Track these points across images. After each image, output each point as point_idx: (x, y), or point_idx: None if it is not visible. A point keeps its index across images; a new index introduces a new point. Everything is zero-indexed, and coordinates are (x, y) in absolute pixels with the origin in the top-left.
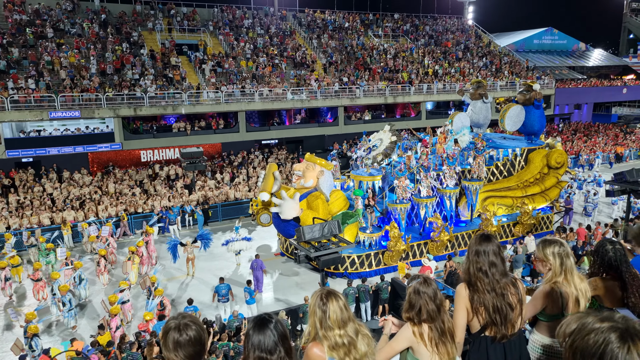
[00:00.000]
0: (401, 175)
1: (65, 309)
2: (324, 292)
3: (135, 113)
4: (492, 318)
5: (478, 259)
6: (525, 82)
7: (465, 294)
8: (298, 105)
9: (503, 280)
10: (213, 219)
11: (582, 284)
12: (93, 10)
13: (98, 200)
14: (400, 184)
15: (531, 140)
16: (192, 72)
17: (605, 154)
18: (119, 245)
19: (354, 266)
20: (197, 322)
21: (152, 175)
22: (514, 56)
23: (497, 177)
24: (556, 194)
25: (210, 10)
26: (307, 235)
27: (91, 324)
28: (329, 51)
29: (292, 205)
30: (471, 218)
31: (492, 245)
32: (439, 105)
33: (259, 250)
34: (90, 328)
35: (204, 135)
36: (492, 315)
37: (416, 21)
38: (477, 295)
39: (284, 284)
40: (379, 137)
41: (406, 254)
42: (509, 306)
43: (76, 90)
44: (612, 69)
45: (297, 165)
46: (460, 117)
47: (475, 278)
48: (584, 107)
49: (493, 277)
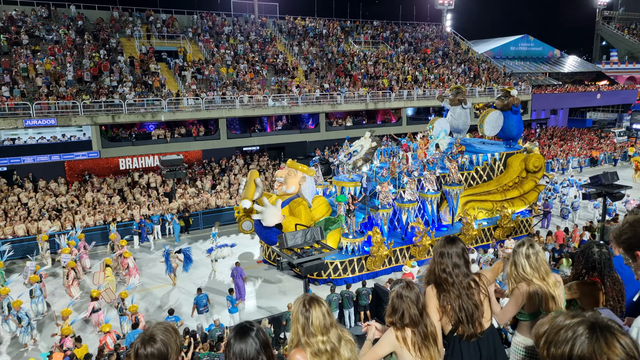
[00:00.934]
0: (384, 181)
1: (24, 323)
2: (306, 299)
3: (113, 120)
4: (459, 317)
5: (442, 260)
6: (503, 88)
7: (433, 293)
8: (279, 111)
9: (466, 280)
10: (194, 227)
11: (557, 289)
12: (69, 17)
13: (75, 210)
14: (382, 190)
15: (509, 144)
16: (172, 79)
17: (577, 158)
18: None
19: (337, 272)
20: (166, 335)
21: (131, 183)
22: (492, 63)
23: (477, 182)
24: (535, 198)
25: (190, 17)
26: (290, 241)
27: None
28: (309, 58)
29: (274, 211)
30: (452, 222)
31: (456, 247)
32: (420, 111)
33: (241, 257)
34: (47, 346)
35: (184, 142)
36: (459, 314)
37: (396, 28)
38: (443, 295)
39: (266, 291)
40: (360, 144)
41: (389, 259)
42: (474, 305)
43: (52, 98)
44: (586, 75)
45: (279, 171)
46: (440, 122)
47: (440, 279)
48: (560, 112)
49: (457, 278)
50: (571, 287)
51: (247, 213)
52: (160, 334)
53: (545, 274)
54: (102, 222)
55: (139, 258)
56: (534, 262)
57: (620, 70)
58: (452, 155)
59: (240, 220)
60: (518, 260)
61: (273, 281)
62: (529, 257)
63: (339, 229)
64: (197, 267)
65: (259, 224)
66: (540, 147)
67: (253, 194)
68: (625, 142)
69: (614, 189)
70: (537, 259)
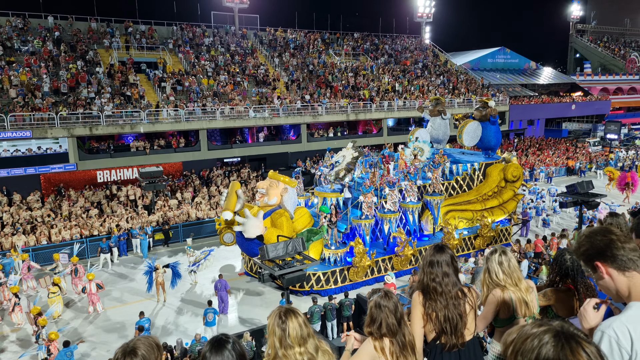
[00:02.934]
0: (367, 192)
1: None
2: (282, 310)
3: (91, 132)
4: (443, 327)
5: (432, 270)
6: (481, 99)
7: (419, 300)
8: (260, 122)
9: (454, 290)
10: (174, 240)
11: (530, 295)
12: (46, 28)
13: (51, 224)
14: (366, 200)
15: (488, 154)
16: (151, 90)
17: (547, 169)
18: None
19: (319, 284)
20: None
21: (109, 196)
22: (470, 74)
23: (457, 191)
24: (513, 207)
25: (170, 28)
26: (271, 253)
27: None
28: (290, 69)
29: (255, 223)
30: (434, 232)
31: (445, 256)
32: (400, 122)
33: (223, 270)
34: None
35: (164, 154)
36: (443, 325)
37: (376, 40)
38: (429, 303)
39: (248, 304)
40: (342, 154)
41: (371, 270)
42: (459, 316)
43: (27, 110)
44: (561, 87)
45: (260, 182)
46: (420, 133)
47: (428, 288)
48: (537, 123)
49: (445, 287)
50: (546, 294)
51: (229, 225)
52: (142, 347)
53: (518, 280)
54: (79, 235)
55: (113, 273)
56: (506, 269)
57: (594, 81)
58: (434, 165)
59: (221, 232)
60: (491, 267)
61: (254, 294)
62: (501, 263)
63: (321, 240)
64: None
65: (240, 236)
66: (518, 156)
67: (234, 205)
68: (600, 151)
69: (589, 197)
70: (509, 265)
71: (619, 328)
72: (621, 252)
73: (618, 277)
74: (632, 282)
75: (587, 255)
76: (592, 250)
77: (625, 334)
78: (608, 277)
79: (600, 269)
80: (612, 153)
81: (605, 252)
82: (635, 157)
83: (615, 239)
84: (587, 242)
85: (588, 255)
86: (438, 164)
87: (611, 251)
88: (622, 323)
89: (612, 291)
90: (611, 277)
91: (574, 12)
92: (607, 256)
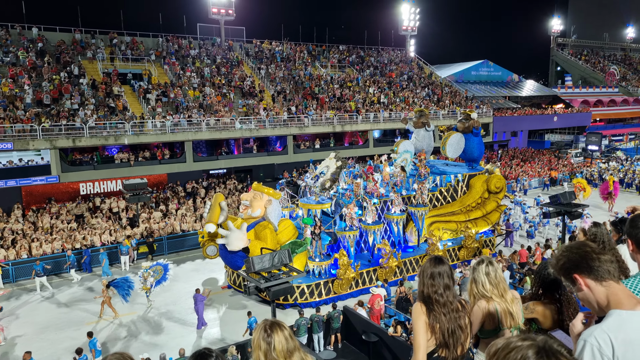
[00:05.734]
0: (348, 203)
1: None
2: (267, 324)
3: (74, 144)
4: (446, 340)
5: (433, 282)
6: (464, 111)
7: (423, 310)
8: (247, 134)
9: (455, 302)
10: (158, 253)
11: (515, 306)
12: (29, 39)
13: (32, 237)
14: (348, 212)
15: (472, 166)
16: (136, 101)
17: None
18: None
19: (303, 296)
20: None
21: (92, 208)
22: (454, 86)
23: (441, 203)
24: (497, 218)
25: (155, 40)
26: (257, 265)
27: None
28: (276, 81)
29: (239, 235)
30: (418, 243)
31: (445, 267)
32: (386, 134)
33: (206, 283)
34: None
35: (149, 165)
36: (447, 338)
37: (361, 53)
38: (432, 314)
39: (232, 317)
40: (325, 165)
41: (356, 282)
42: (460, 328)
43: (8, 121)
44: (543, 99)
45: (244, 194)
46: (404, 144)
47: (430, 300)
48: (520, 134)
49: (447, 300)
50: (528, 307)
51: (212, 237)
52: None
53: (504, 290)
54: (61, 249)
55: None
56: (493, 279)
57: (575, 94)
58: (420, 177)
59: (204, 245)
60: (478, 277)
61: (238, 307)
62: (488, 274)
63: (305, 252)
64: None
65: (223, 249)
66: (502, 167)
67: (218, 217)
68: (582, 162)
69: (572, 207)
70: (496, 275)
71: (600, 336)
72: (597, 263)
73: (596, 288)
74: (610, 291)
75: (565, 269)
76: (569, 263)
77: (606, 341)
78: (587, 288)
79: (578, 281)
80: (592, 164)
81: (581, 264)
82: (615, 169)
83: (590, 250)
84: (564, 257)
85: (566, 269)
86: (425, 177)
87: (587, 263)
88: (603, 331)
89: (593, 303)
90: (589, 288)
91: (554, 26)
92: (583, 268)
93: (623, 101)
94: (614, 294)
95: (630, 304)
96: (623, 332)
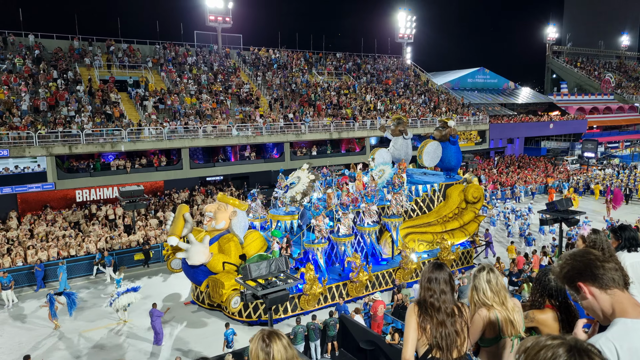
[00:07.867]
0: (318, 214)
1: None
2: (265, 333)
3: (70, 151)
4: (439, 343)
5: (430, 286)
6: (441, 119)
7: (415, 310)
8: (243, 141)
9: (450, 307)
10: (154, 260)
11: (516, 314)
12: (26, 46)
13: (27, 245)
14: (318, 223)
15: (449, 175)
16: (133, 108)
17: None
18: None
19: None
20: None
21: (89, 215)
22: (450, 94)
23: (417, 213)
24: (475, 228)
25: (152, 47)
26: (254, 272)
27: None
28: (273, 88)
29: (199, 249)
30: (392, 255)
31: (443, 273)
32: (382, 140)
33: (168, 299)
34: None
35: (145, 172)
36: (440, 342)
37: (358, 60)
38: (424, 316)
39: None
40: (296, 175)
41: (324, 297)
42: (455, 333)
43: (4, 128)
44: (539, 106)
45: (208, 206)
46: (381, 153)
47: (425, 303)
48: (516, 141)
49: (443, 304)
50: (527, 315)
51: (175, 250)
52: None
53: (505, 298)
54: (57, 256)
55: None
56: (494, 286)
57: (570, 101)
58: (394, 187)
59: (168, 258)
60: (479, 284)
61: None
62: (489, 281)
63: None
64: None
65: (185, 263)
66: (498, 174)
67: (181, 230)
68: (578, 169)
69: (569, 214)
70: (497, 282)
71: (605, 344)
72: (601, 271)
73: (601, 296)
74: (615, 299)
75: (569, 277)
76: (573, 271)
77: (611, 350)
78: (591, 296)
79: (582, 289)
80: (589, 171)
81: (585, 272)
82: (611, 176)
83: (594, 258)
84: (568, 264)
85: (570, 277)
86: (400, 187)
87: (591, 271)
88: (607, 339)
89: (597, 311)
90: (594, 296)
91: (550, 34)
92: (588, 276)
93: (618, 108)
94: (618, 302)
95: (636, 313)
96: (628, 341)
